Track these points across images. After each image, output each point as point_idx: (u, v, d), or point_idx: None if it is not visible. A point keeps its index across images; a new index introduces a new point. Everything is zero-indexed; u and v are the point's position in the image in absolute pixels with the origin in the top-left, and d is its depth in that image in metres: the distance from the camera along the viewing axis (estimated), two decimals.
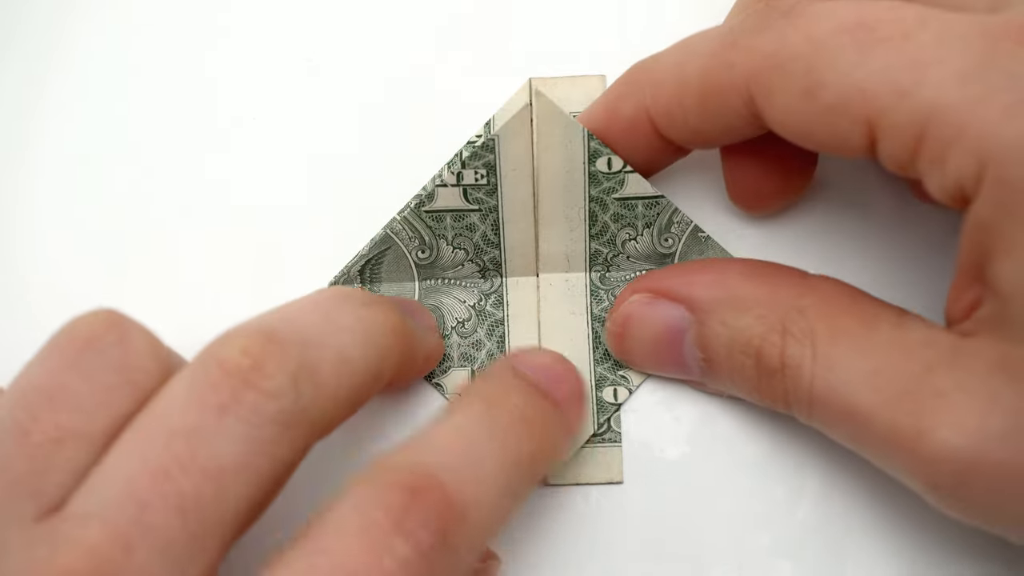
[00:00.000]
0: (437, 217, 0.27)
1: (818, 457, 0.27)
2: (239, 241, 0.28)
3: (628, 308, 0.26)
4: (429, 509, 0.20)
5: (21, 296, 0.28)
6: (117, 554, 0.19)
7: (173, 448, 0.20)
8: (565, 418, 0.25)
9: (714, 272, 0.25)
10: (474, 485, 0.21)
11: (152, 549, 0.19)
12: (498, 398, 0.23)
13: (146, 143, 0.28)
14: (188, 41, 0.29)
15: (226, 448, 0.20)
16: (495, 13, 0.29)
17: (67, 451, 0.20)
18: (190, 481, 0.19)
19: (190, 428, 0.20)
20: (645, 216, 0.27)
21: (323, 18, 0.29)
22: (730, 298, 0.25)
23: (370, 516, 0.20)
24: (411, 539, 0.20)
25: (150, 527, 0.19)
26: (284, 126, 0.28)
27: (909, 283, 0.28)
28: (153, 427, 0.20)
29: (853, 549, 0.26)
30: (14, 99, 0.28)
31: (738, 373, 0.25)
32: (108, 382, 0.21)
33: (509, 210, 0.27)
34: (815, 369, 0.23)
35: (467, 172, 0.26)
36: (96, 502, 0.19)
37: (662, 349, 0.26)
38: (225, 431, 0.20)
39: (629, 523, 0.27)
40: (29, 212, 0.28)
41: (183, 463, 0.19)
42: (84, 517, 0.19)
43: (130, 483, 0.19)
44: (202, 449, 0.20)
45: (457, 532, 0.21)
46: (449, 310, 0.28)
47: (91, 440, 0.20)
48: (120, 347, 0.21)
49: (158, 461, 0.19)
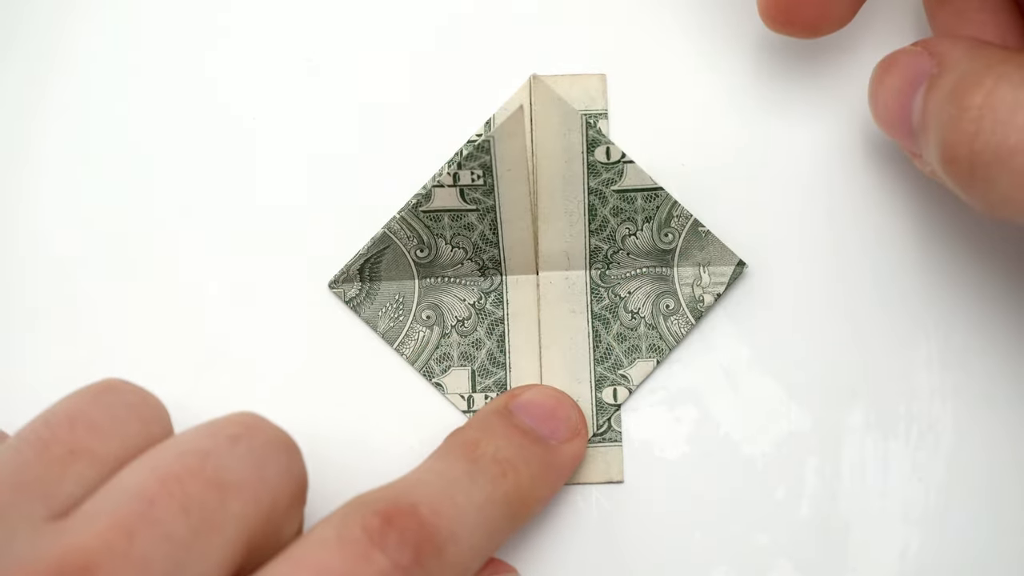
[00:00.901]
0: (435, 217, 0.27)
1: (818, 457, 0.27)
2: (239, 241, 0.28)
3: (896, 54, 0.25)
4: (405, 531, 0.21)
5: (22, 296, 0.28)
6: (120, 540, 0.19)
7: (184, 460, 0.21)
8: (552, 456, 0.26)
9: (977, 41, 0.24)
10: (450, 520, 0.22)
11: (154, 539, 0.19)
12: (477, 441, 0.25)
13: (146, 143, 0.28)
14: (188, 41, 0.29)
15: (234, 467, 0.21)
16: (495, 13, 0.29)
17: (80, 465, 0.21)
18: (196, 486, 0.20)
19: (202, 449, 0.21)
20: (645, 210, 0.27)
21: (323, 18, 0.29)
22: (971, 52, 0.24)
23: (349, 534, 0.21)
24: (389, 554, 0.21)
25: (154, 520, 0.20)
26: (284, 126, 0.28)
27: (922, 285, 0.27)
28: (166, 447, 0.22)
29: (853, 549, 0.26)
30: (14, 99, 0.28)
31: (938, 118, 0.23)
32: (124, 416, 0.22)
33: (507, 210, 0.27)
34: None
35: (463, 173, 0.26)
36: (105, 504, 0.20)
37: (898, 98, 0.25)
38: (235, 455, 0.21)
39: (629, 523, 0.27)
40: (29, 211, 0.28)
41: (192, 471, 0.21)
42: (93, 514, 0.20)
43: (139, 486, 0.20)
44: (211, 463, 0.21)
45: (433, 560, 0.21)
46: (449, 308, 0.28)
47: (103, 460, 0.21)
48: (138, 395, 0.23)
49: (168, 469, 0.21)
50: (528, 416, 0.26)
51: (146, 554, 0.19)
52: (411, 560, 0.21)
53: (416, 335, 0.28)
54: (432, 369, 0.28)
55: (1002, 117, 0.22)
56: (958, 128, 0.22)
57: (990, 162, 0.22)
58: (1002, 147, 0.22)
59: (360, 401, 0.27)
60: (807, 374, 0.27)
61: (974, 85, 0.22)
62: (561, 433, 0.26)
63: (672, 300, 0.27)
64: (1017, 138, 0.21)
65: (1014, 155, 0.21)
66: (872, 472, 0.27)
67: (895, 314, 0.27)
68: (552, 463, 0.25)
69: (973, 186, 0.23)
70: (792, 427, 0.27)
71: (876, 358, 0.27)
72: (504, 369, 0.27)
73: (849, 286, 0.28)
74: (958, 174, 0.23)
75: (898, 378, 0.27)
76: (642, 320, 0.27)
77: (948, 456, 0.27)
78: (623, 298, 0.28)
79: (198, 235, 0.28)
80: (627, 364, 0.27)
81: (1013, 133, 0.21)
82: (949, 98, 0.23)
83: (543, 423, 0.26)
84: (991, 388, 0.27)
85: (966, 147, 0.22)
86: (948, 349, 0.27)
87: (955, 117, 0.22)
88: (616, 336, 0.27)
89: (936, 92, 0.23)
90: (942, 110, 0.23)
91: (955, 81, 0.23)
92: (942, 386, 0.27)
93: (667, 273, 0.28)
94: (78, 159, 0.28)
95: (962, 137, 0.22)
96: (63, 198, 0.28)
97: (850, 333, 0.27)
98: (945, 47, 0.24)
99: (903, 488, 0.27)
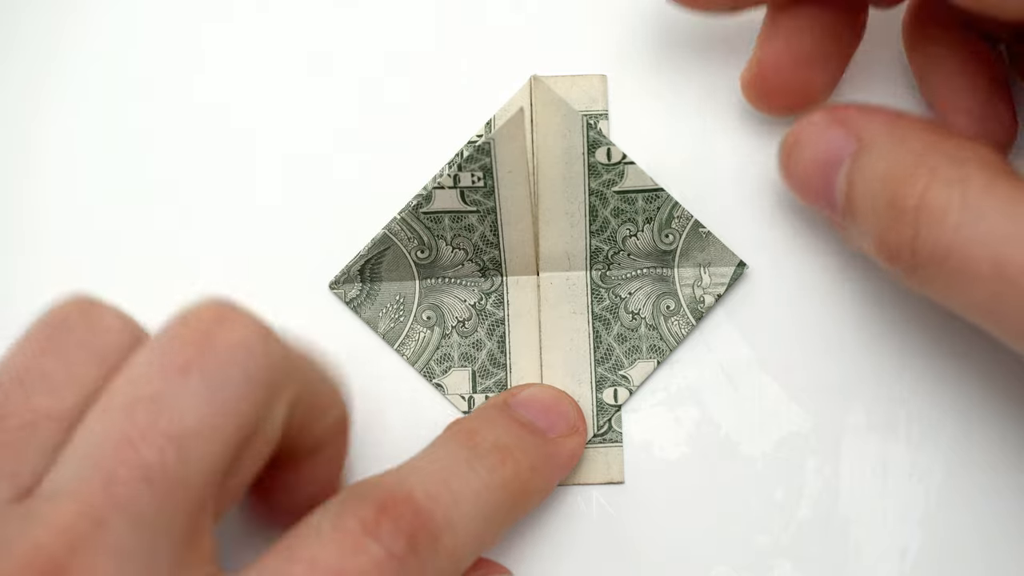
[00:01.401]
0: (435, 218, 0.27)
1: (818, 457, 0.27)
2: (239, 240, 0.28)
3: (803, 126, 0.25)
4: (400, 519, 0.21)
5: (21, 296, 0.28)
6: (88, 529, 0.19)
7: (135, 416, 0.20)
8: (551, 448, 0.25)
9: (893, 115, 0.24)
10: (447, 507, 0.22)
11: (123, 521, 0.19)
12: (476, 429, 0.24)
13: (146, 144, 0.28)
14: (188, 41, 0.29)
15: (188, 408, 0.20)
16: (495, 13, 0.29)
17: (41, 433, 0.20)
18: (152, 448, 0.19)
19: (152, 393, 0.20)
20: (645, 211, 0.27)
21: (323, 18, 0.29)
22: (893, 134, 0.23)
23: (344, 524, 0.21)
24: (383, 543, 0.21)
25: (119, 499, 0.19)
26: (284, 126, 0.28)
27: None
28: (116, 398, 0.20)
29: (853, 549, 0.26)
30: (14, 99, 0.28)
31: (871, 211, 0.23)
32: (77, 359, 0.21)
33: (507, 211, 0.27)
34: (963, 217, 0.21)
35: (464, 175, 0.26)
36: (65, 479, 0.19)
37: (818, 173, 0.25)
38: (188, 392, 0.20)
39: (629, 523, 0.27)
40: (29, 211, 0.28)
41: (144, 430, 0.19)
42: (54, 495, 0.19)
43: (97, 455, 0.19)
44: (163, 414, 0.20)
45: (429, 546, 0.21)
46: (449, 309, 0.28)
47: (61, 419, 0.20)
48: (88, 326, 0.21)
49: (121, 430, 0.19)
50: (527, 411, 0.26)
51: (119, 542, 0.19)
52: (406, 548, 0.21)
53: (417, 336, 0.28)
54: (432, 370, 0.28)
55: (937, 218, 0.21)
56: (895, 229, 0.22)
57: (928, 263, 0.22)
58: (937, 248, 0.21)
59: (360, 402, 0.27)
60: (807, 374, 0.27)
61: (907, 184, 0.22)
62: (559, 428, 0.26)
63: (672, 301, 0.27)
64: (950, 239, 0.21)
65: (949, 257, 0.21)
66: (872, 472, 0.27)
67: (895, 314, 0.27)
68: (551, 455, 0.25)
69: (912, 281, 0.23)
70: (792, 427, 0.27)
71: (876, 358, 0.27)
72: (505, 370, 0.27)
73: (849, 286, 0.28)
74: (897, 271, 0.23)
75: (898, 378, 0.27)
76: (643, 321, 0.27)
77: (948, 456, 0.27)
78: (624, 299, 0.28)
79: (198, 235, 0.28)
80: (628, 365, 0.27)
81: (947, 234, 0.21)
82: (881, 193, 0.23)
83: (542, 417, 0.26)
84: (991, 388, 0.27)
85: (907, 248, 0.22)
86: (948, 349, 0.27)
87: (893, 218, 0.22)
88: (617, 337, 0.27)
89: (862, 175, 0.23)
90: (876, 203, 0.23)
91: (885, 172, 0.23)
92: (942, 386, 0.27)
93: (668, 274, 0.28)
94: (77, 160, 0.28)
95: (901, 239, 0.22)
96: (63, 198, 0.28)
97: (850, 333, 0.27)
98: (861, 122, 0.24)
99: (903, 488, 0.27)
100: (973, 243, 0.21)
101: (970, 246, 0.21)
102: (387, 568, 0.20)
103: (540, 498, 0.25)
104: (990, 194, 0.21)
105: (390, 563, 0.20)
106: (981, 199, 0.21)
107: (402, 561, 0.21)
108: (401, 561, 0.21)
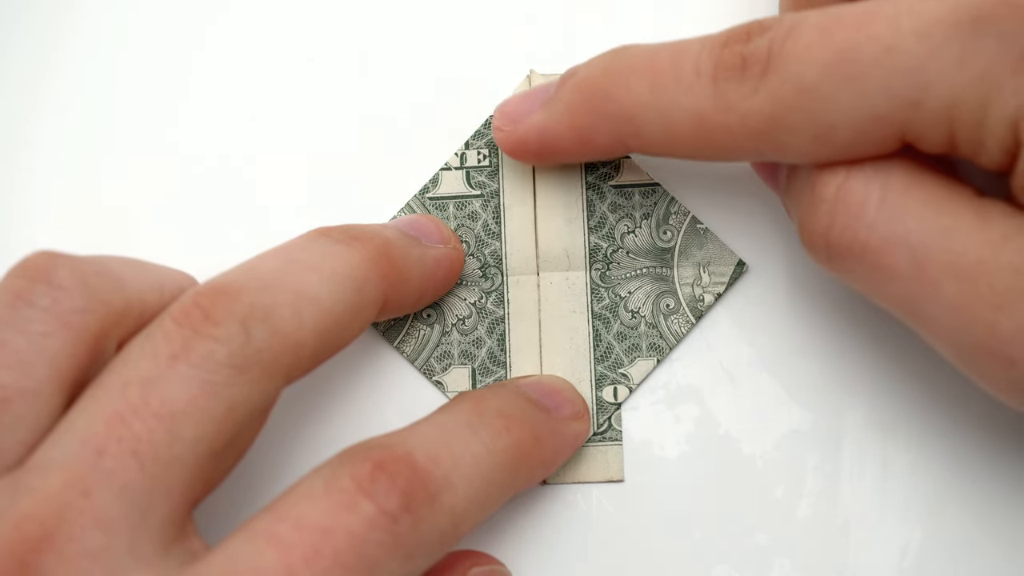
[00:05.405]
0: (440, 205, 0.27)
1: (817, 456, 0.27)
2: (239, 240, 0.28)
3: None
4: (396, 476, 0.21)
5: None
6: (76, 498, 0.19)
7: (127, 395, 0.20)
8: (556, 424, 0.25)
9: None
10: (447, 469, 0.22)
11: (110, 492, 0.19)
12: (482, 397, 0.24)
13: (145, 144, 0.28)
14: (188, 41, 0.29)
15: (178, 393, 0.20)
16: (495, 12, 0.29)
17: (17, 409, 0.20)
18: (143, 424, 0.20)
19: (144, 377, 0.20)
20: (643, 206, 0.27)
21: (323, 18, 0.29)
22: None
23: (337, 483, 0.20)
24: (376, 500, 0.20)
25: (107, 471, 0.19)
26: (284, 126, 0.29)
27: None
28: (109, 380, 0.21)
29: (853, 549, 0.26)
30: (13, 97, 0.28)
31: (798, 193, 0.23)
32: (43, 331, 0.21)
33: (510, 194, 0.27)
34: (879, 214, 0.21)
35: (470, 153, 0.27)
36: (56, 453, 0.20)
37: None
38: (177, 377, 0.20)
39: (629, 522, 0.27)
40: (28, 211, 0.28)
41: (136, 408, 0.20)
42: (44, 467, 0.20)
43: (87, 432, 0.20)
44: (155, 394, 0.20)
45: (426, 504, 0.21)
46: (450, 307, 0.28)
47: (37, 394, 0.20)
48: (50, 293, 0.21)
49: (113, 408, 0.20)
50: (533, 392, 0.26)
51: (105, 511, 0.19)
52: (399, 506, 0.20)
53: (416, 333, 0.28)
54: (432, 367, 0.28)
55: (854, 212, 0.21)
56: (813, 218, 0.22)
57: (844, 255, 0.22)
58: (854, 242, 0.22)
59: (360, 400, 0.27)
60: (807, 374, 0.27)
61: (828, 171, 0.22)
62: (565, 410, 0.26)
63: (672, 300, 0.27)
64: (866, 235, 0.21)
65: (865, 252, 0.21)
66: (872, 472, 0.27)
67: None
68: (555, 430, 0.25)
69: (831, 270, 0.23)
70: (792, 426, 0.27)
71: (876, 357, 0.27)
72: (505, 368, 0.27)
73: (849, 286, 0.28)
74: (817, 259, 0.23)
75: (898, 378, 0.27)
76: (642, 319, 0.27)
77: (948, 456, 0.27)
78: (623, 298, 0.28)
79: (198, 235, 0.28)
80: (627, 363, 0.27)
81: (863, 230, 0.21)
82: (807, 176, 0.23)
83: (548, 398, 0.26)
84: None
85: (822, 237, 0.22)
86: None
87: (812, 205, 0.22)
88: (616, 335, 0.27)
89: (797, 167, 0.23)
90: (802, 190, 0.23)
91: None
92: (942, 385, 0.27)
93: (667, 273, 0.28)
94: (76, 160, 0.28)
95: (817, 227, 0.22)
96: (62, 198, 0.28)
97: (850, 332, 0.27)
98: None
99: (903, 488, 0.27)
100: (889, 242, 0.21)
101: (887, 244, 0.21)
102: (377, 525, 0.20)
103: (543, 471, 0.25)
104: (909, 194, 0.21)
105: (381, 520, 0.20)
106: (901, 197, 0.21)
107: (395, 519, 0.20)
108: (394, 519, 0.20)
